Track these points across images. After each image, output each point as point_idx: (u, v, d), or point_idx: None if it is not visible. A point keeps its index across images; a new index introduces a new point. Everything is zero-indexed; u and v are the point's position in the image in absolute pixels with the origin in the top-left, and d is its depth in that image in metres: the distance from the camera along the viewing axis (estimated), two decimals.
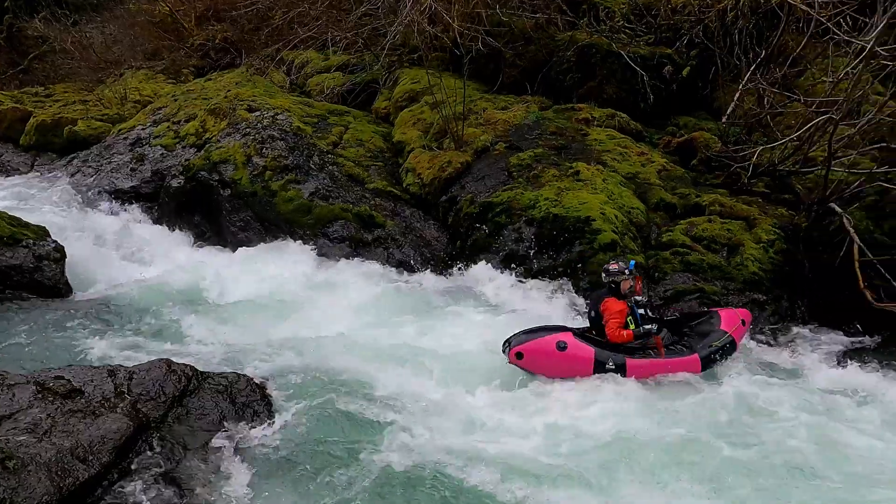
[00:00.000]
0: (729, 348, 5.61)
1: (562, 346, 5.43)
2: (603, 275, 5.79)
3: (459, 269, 7.31)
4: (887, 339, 5.92)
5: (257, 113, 9.42)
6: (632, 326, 5.60)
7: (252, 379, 5.05)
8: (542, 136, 8.54)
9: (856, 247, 6.09)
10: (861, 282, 5.81)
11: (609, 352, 5.48)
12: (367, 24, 10.64)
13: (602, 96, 9.08)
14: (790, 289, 6.68)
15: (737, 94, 7.88)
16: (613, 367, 5.40)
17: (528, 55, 9.44)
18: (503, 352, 5.52)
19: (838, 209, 6.52)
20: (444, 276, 7.30)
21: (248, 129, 9.09)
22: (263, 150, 8.73)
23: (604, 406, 5.01)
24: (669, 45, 9.09)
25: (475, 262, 7.29)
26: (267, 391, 5.00)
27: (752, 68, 7.76)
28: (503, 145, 8.45)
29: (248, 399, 4.84)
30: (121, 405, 4.37)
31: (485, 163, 8.28)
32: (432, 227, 8.07)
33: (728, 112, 7.97)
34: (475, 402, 5.08)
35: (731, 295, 6.56)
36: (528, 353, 5.43)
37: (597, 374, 5.37)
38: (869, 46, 5.65)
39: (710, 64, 8.82)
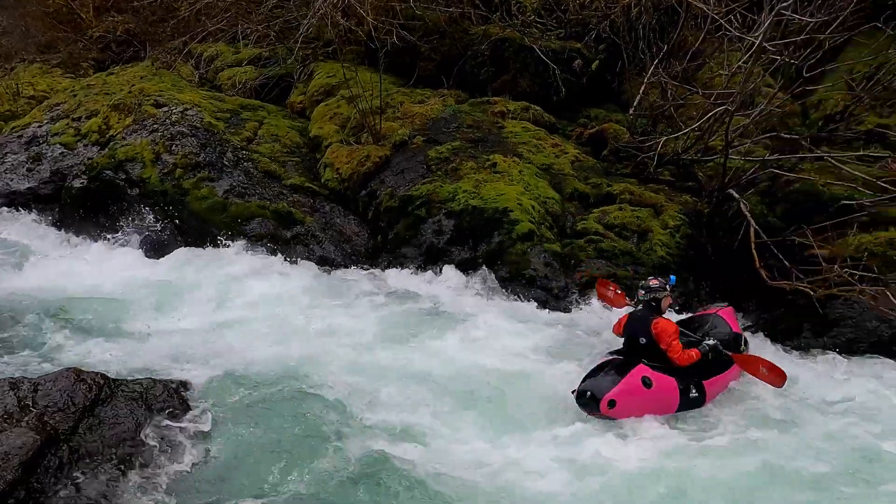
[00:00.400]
0: (746, 346, 5.56)
1: (647, 383, 4.82)
2: (642, 292, 5.29)
3: (381, 263, 7.32)
4: (780, 314, 6.36)
5: (165, 108, 9.05)
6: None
7: (169, 383, 4.89)
8: (459, 129, 8.64)
9: (752, 230, 6.50)
10: (757, 262, 6.22)
11: (685, 378, 4.96)
12: (278, 17, 10.40)
13: (516, 89, 9.27)
14: (695, 271, 7.06)
15: (642, 87, 8.24)
16: (696, 393, 4.95)
17: (443, 49, 9.51)
18: (583, 404, 4.74)
19: (736, 195, 6.94)
20: (367, 270, 7.29)
21: (155, 126, 8.72)
22: (173, 148, 8.41)
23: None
24: (579, 39, 9.38)
25: (397, 256, 7.33)
26: (185, 396, 4.86)
27: (656, 62, 8.13)
28: (421, 139, 8.50)
29: (165, 405, 4.69)
30: (26, 419, 4.14)
31: (403, 156, 8.31)
32: (353, 223, 8.03)
33: (634, 104, 8.32)
34: (398, 393, 5.11)
35: (641, 278, 6.83)
36: (622, 399, 4.72)
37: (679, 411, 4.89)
38: (757, 43, 6.06)
39: (618, 58, 9.17)
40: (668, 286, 5.29)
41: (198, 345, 5.60)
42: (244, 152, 8.60)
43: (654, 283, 5.31)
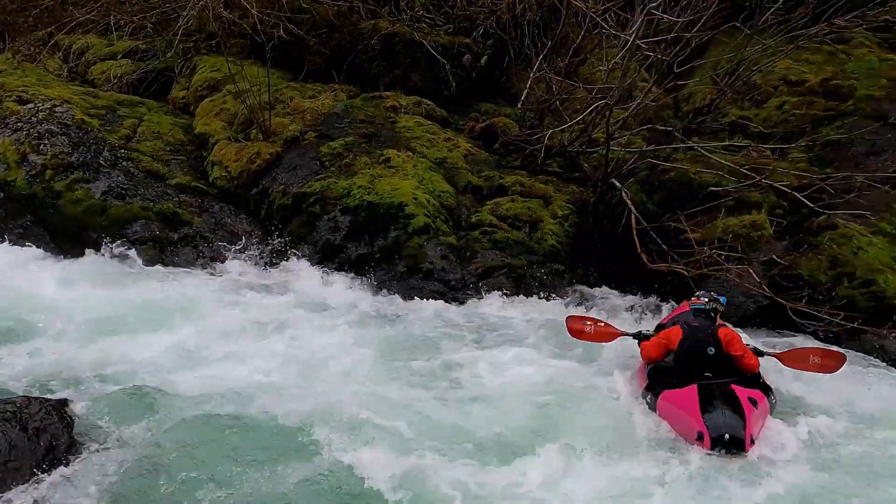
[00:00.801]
0: None
1: (754, 402, 4.49)
2: (705, 299, 5.08)
3: (276, 263, 7.16)
4: (661, 295, 6.80)
5: (30, 105, 8.37)
6: None
7: (48, 401, 4.55)
8: (351, 124, 8.57)
9: (633, 217, 6.90)
10: (638, 247, 6.61)
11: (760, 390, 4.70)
12: (155, 8, 9.87)
13: (408, 84, 9.31)
14: (583, 257, 7.41)
15: (528, 82, 8.51)
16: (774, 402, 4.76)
17: (332, 43, 9.39)
18: (726, 450, 4.20)
19: (618, 184, 7.33)
20: (261, 271, 7.11)
21: (19, 124, 8.06)
22: (41, 147, 7.81)
23: None
24: (467, 34, 9.55)
25: (292, 255, 7.19)
26: (67, 413, 4.55)
27: (541, 58, 8.43)
28: (313, 134, 8.36)
29: (42, 424, 4.35)
30: None
31: (295, 153, 8.15)
32: (244, 222, 7.80)
33: (522, 98, 8.60)
34: (290, 392, 5.01)
35: (534, 267, 7.13)
36: (756, 430, 4.34)
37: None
38: (631, 40, 6.44)
39: (505, 53, 9.42)
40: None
41: (77, 360, 5.24)
42: (123, 151, 8.12)
43: (713, 294, 5.14)
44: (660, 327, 5.51)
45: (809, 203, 6.60)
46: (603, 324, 5.47)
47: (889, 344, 5.65)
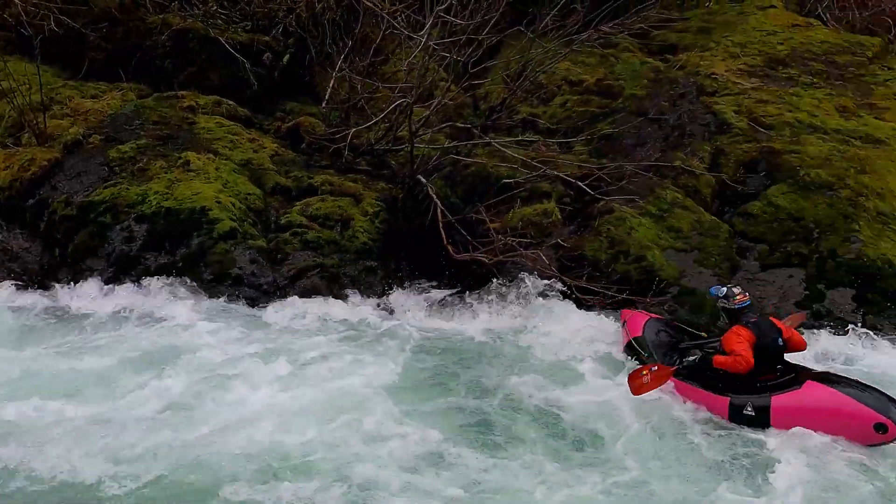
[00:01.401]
0: None
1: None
2: (746, 295, 5.01)
3: (61, 281, 6.49)
4: (470, 282, 7.20)
5: None
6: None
7: None
8: (143, 125, 8.01)
9: (439, 211, 7.22)
10: (445, 239, 6.94)
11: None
12: None
13: (206, 83, 8.88)
14: (395, 253, 7.60)
15: (331, 81, 8.52)
16: None
17: (116, 38, 8.67)
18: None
19: (423, 180, 7.62)
20: (42, 291, 6.40)
21: None
22: None
23: None
24: (266, 32, 9.31)
25: (80, 271, 6.57)
26: None
27: (342, 57, 8.47)
28: (99, 138, 7.70)
29: None
30: None
31: (78, 158, 7.45)
32: (20, 237, 7.01)
33: (326, 97, 8.58)
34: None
35: (347, 265, 7.19)
36: None
37: None
38: (423, 41, 6.73)
39: (307, 52, 9.33)
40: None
41: None
42: None
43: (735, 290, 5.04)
44: (633, 346, 5.57)
45: (590, 191, 7.37)
46: (657, 367, 5.05)
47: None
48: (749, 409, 4.70)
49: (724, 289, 5.07)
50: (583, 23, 8.22)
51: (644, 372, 4.97)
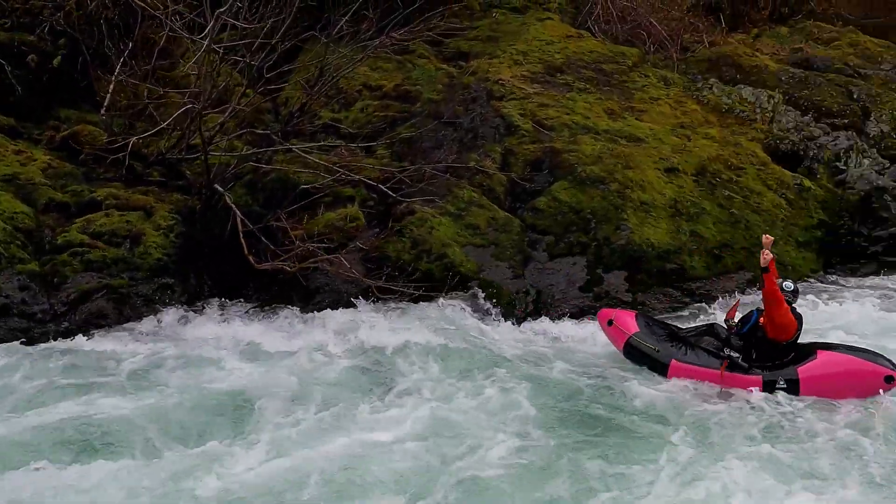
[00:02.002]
0: None
1: None
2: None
3: None
4: (276, 292, 7.05)
5: None
6: None
7: None
8: None
9: (239, 220, 6.98)
10: (245, 249, 6.73)
11: None
12: None
13: None
14: (195, 267, 7.23)
15: (111, 86, 7.87)
16: None
17: None
18: None
19: (221, 189, 7.31)
20: None
21: None
22: None
23: None
24: (30, 31, 8.35)
25: None
26: None
27: (123, 60, 7.85)
28: None
29: None
30: None
31: None
32: None
33: (106, 103, 7.90)
34: None
35: (139, 285, 6.70)
36: None
37: None
38: (206, 44, 6.44)
39: (80, 54, 8.51)
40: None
41: None
42: None
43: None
44: (635, 343, 5.97)
45: (392, 193, 7.55)
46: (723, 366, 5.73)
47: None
48: (781, 382, 5.51)
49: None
50: (376, 29, 8.39)
51: (722, 374, 5.60)
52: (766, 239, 5.66)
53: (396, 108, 8.93)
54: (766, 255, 5.41)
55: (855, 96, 9.72)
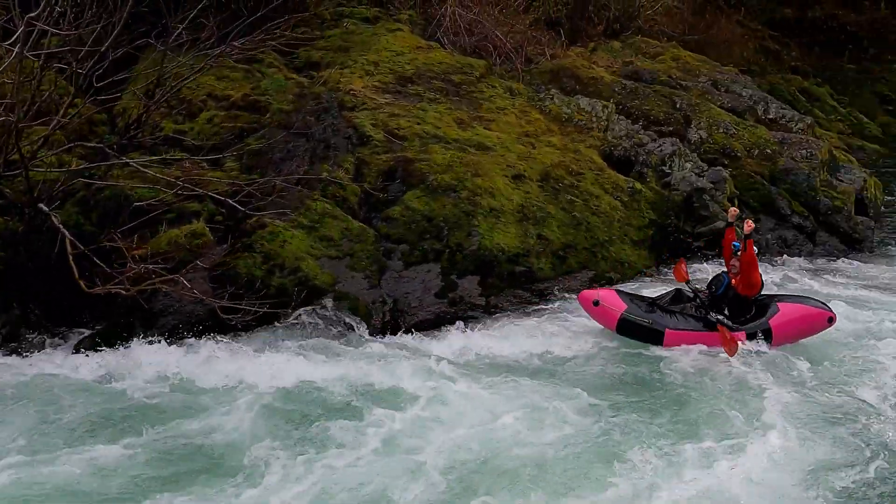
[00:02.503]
0: None
1: None
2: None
3: None
4: (110, 317, 6.60)
5: None
6: None
7: None
8: None
9: (68, 241, 6.45)
10: (76, 273, 6.22)
11: None
12: None
13: None
14: (19, 295, 6.61)
15: None
16: None
17: None
18: None
19: (46, 209, 6.73)
20: None
21: None
22: None
23: None
24: None
25: None
26: None
27: None
28: None
29: None
30: None
31: None
32: None
33: None
34: None
35: None
36: None
37: None
38: (16, 51, 5.90)
39: None
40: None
41: None
42: None
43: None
44: (629, 319, 6.53)
45: (241, 207, 7.30)
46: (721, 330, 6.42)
47: None
48: (759, 333, 6.45)
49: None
50: (218, 37, 8.10)
51: (728, 336, 6.22)
52: (733, 210, 6.92)
53: (245, 119, 8.66)
54: (750, 224, 6.29)
55: (678, 106, 10.73)
